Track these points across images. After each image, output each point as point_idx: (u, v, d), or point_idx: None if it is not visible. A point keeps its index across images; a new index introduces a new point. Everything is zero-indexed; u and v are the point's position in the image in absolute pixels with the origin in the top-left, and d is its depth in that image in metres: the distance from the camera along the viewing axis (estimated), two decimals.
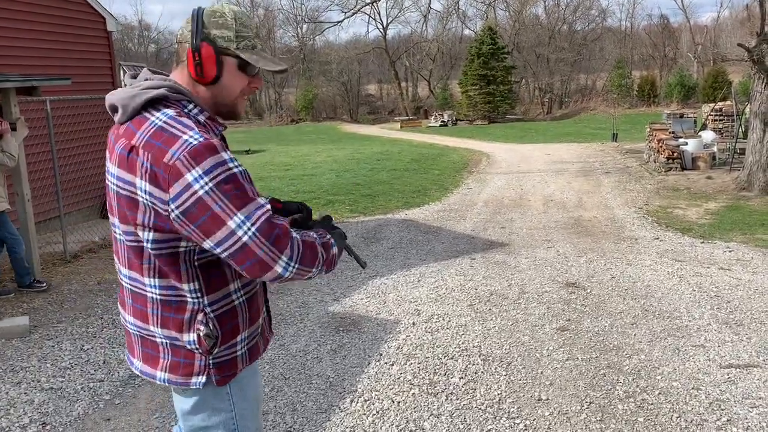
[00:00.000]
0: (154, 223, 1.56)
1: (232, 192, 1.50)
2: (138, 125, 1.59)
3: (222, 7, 1.69)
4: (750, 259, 6.60)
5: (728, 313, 4.94)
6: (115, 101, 1.65)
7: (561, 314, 5.05)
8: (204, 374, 1.69)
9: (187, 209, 1.50)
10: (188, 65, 1.66)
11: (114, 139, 1.66)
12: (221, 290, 1.67)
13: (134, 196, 1.57)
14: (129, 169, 1.56)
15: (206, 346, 1.65)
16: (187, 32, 1.67)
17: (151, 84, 1.65)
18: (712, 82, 29.06)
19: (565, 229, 8.42)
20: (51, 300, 5.89)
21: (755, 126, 10.77)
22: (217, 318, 1.66)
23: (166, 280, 1.64)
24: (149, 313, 1.68)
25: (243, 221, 1.50)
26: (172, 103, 1.63)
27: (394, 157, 17.88)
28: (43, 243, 7.62)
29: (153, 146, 1.53)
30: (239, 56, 1.68)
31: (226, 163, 1.52)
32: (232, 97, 1.73)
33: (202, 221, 1.50)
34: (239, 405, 1.78)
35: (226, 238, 1.50)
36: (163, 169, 1.50)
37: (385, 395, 3.77)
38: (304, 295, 5.82)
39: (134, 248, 1.65)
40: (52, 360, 4.48)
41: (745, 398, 3.57)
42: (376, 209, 10.21)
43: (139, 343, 1.76)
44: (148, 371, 1.74)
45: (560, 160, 16.51)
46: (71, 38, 9.34)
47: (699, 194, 10.71)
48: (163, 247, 1.60)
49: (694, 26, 41.23)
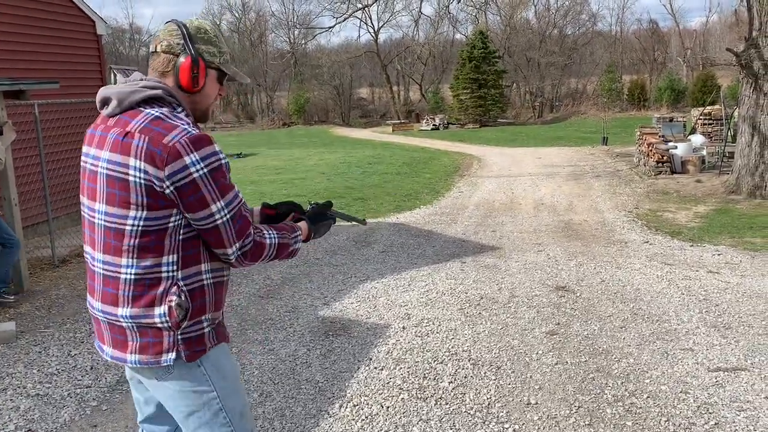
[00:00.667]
0: (148, 201, 1.71)
1: (219, 180, 1.74)
2: (132, 116, 1.75)
3: (203, 24, 1.91)
4: (738, 262, 6.64)
5: (716, 317, 4.96)
6: (110, 94, 1.80)
7: (551, 318, 5.06)
8: (173, 350, 1.79)
9: (180, 187, 1.70)
10: (180, 75, 1.82)
11: (101, 131, 1.80)
12: (194, 267, 1.81)
13: (125, 176, 1.71)
14: (122, 151, 1.72)
15: (176, 317, 1.76)
16: (176, 44, 1.83)
17: (149, 84, 1.80)
18: (702, 86, 29.24)
19: (555, 232, 8.44)
20: (39, 305, 5.84)
21: (744, 130, 10.85)
22: (189, 292, 1.79)
23: (144, 259, 1.75)
24: (120, 295, 1.77)
25: (222, 207, 1.75)
26: (166, 104, 1.80)
27: (386, 161, 17.89)
28: (32, 248, 7.57)
29: (151, 130, 1.71)
30: (221, 69, 1.92)
31: (217, 154, 1.74)
32: (208, 104, 1.94)
33: (189, 200, 1.71)
34: (219, 384, 1.88)
35: (205, 218, 1.74)
36: (161, 149, 1.68)
37: (375, 400, 3.76)
38: (294, 299, 5.80)
39: (115, 230, 1.75)
40: (38, 366, 4.44)
41: (733, 401, 3.59)
42: (367, 213, 10.20)
43: (108, 329, 1.84)
44: (119, 355, 1.84)
45: (551, 163, 16.57)
46: (60, 41, 9.29)
47: (688, 198, 10.77)
48: (153, 224, 1.73)
49: (684, 31, 41.52)
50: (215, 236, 1.77)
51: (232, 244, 1.79)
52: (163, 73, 1.85)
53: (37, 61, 8.74)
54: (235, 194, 1.78)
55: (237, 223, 1.78)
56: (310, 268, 6.90)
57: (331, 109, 43.53)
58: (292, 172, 16.31)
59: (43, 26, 8.91)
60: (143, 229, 1.73)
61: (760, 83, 10.39)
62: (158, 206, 1.71)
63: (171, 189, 1.69)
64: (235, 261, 1.82)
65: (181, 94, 1.85)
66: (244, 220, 1.80)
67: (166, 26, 1.88)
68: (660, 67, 39.15)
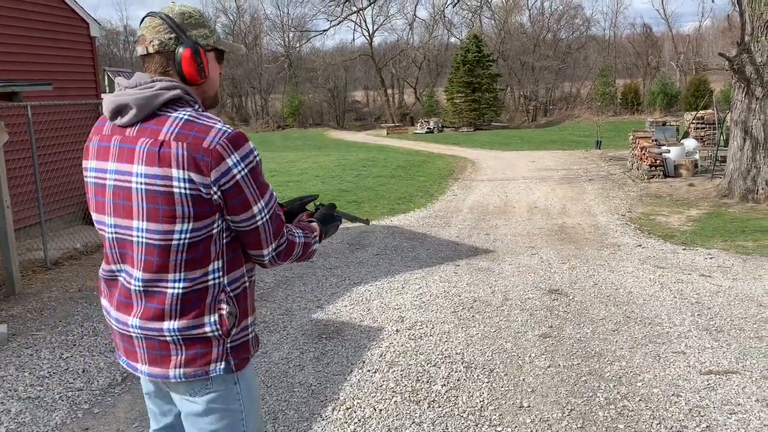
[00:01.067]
0: (195, 212, 1.63)
1: (258, 179, 1.69)
2: (160, 123, 1.64)
3: (185, 8, 1.76)
4: (730, 265, 6.67)
5: (708, 320, 4.98)
6: (127, 101, 1.66)
7: (544, 321, 5.07)
8: (223, 359, 1.73)
9: (226, 190, 1.63)
10: (184, 70, 1.71)
11: (120, 142, 1.69)
12: (237, 270, 1.76)
13: (170, 189, 1.61)
14: (161, 163, 1.61)
15: (228, 325, 1.71)
16: (168, 39, 1.70)
17: (166, 85, 1.68)
18: (694, 90, 29.39)
19: (548, 235, 8.46)
20: (30, 308, 5.81)
21: (736, 134, 10.92)
22: (236, 297, 1.75)
23: (192, 271, 1.68)
24: (167, 310, 1.69)
25: (263, 208, 1.70)
26: (185, 103, 1.70)
27: (380, 164, 17.90)
28: (24, 250, 7.53)
29: (187, 136, 1.61)
30: (218, 48, 1.81)
31: (254, 152, 1.69)
32: (215, 88, 1.85)
33: (233, 203, 1.66)
34: (247, 404, 1.83)
35: (247, 219, 1.69)
36: (204, 154, 1.60)
37: (368, 403, 3.76)
38: (288, 302, 5.79)
39: (160, 247, 1.66)
40: (30, 369, 4.42)
41: (725, 404, 3.60)
42: (362, 216, 10.20)
43: (143, 346, 1.74)
44: (158, 372, 1.74)
45: (544, 167, 16.61)
46: (53, 43, 9.26)
47: (681, 201, 10.82)
48: (200, 234, 1.66)
49: (677, 35, 41.74)
50: (254, 237, 1.73)
51: (269, 245, 1.75)
52: (164, 74, 1.72)
53: (31, 63, 8.71)
54: (271, 192, 1.74)
55: (274, 223, 1.74)
56: (303, 270, 6.90)
57: (325, 112, 43.54)
58: (286, 174, 16.29)
59: (36, 28, 8.89)
60: (190, 241, 1.65)
61: (752, 88, 10.46)
62: (205, 214, 1.64)
63: (218, 194, 1.62)
64: (268, 262, 1.78)
65: (189, 89, 1.74)
66: (279, 220, 1.77)
67: (148, 22, 1.72)
68: (653, 71, 39.35)
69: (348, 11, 39.08)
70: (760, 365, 4.10)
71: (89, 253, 7.83)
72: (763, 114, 10.38)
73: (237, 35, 48.03)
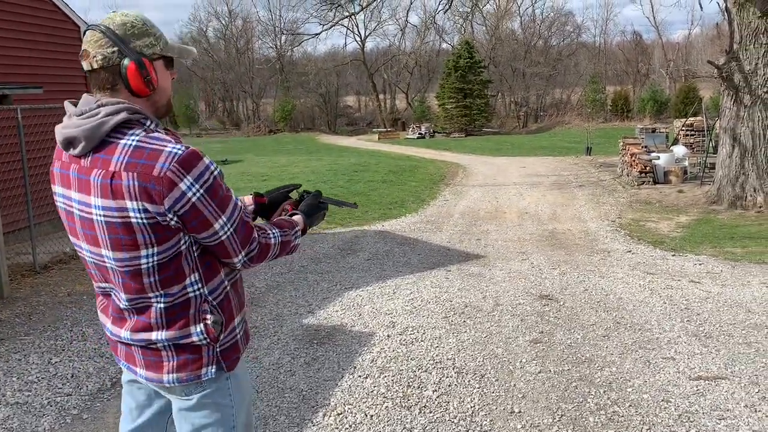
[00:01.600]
0: (157, 237, 1.62)
1: (217, 195, 1.66)
2: (110, 152, 1.60)
3: (126, 17, 1.69)
4: (719, 272, 6.72)
5: (698, 326, 5.02)
6: (75, 134, 1.62)
7: (534, 326, 5.08)
8: (213, 363, 1.77)
9: (182, 215, 1.62)
10: (131, 84, 1.65)
11: (77, 172, 1.65)
12: (216, 278, 1.77)
13: (128, 220, 1.60)
14: (114, 196, 1.59)
15: (214, 333, 1.74)
16: (111, 54, 1.64)
17: (112, 110, 1.62)
18: (684, 97, 29.66)
19: (539, 241, 8.49)
20: (19, 312, 5.77)
21: (724, 141, 11.02)
22: (219, 305, 1.77)
23: (169, 288, 1.69)
24: (153, 323, 1.72)
25: (225, 223, 1.68)
26: (134, 124, 1.64)
27: (372, 169, 17.91)
28: (12, 254, 7.47)
29: (136, 165, 1.57)
30: (165, 56, 1.74)
31: (209, 168, 1.64)
32: (167, 97, 1.78)
33: (192, 225, 1.64)
34: (237, 399, 1.86)
35: (209, 236, 1.68)
36: (155, 183, 1.57)
37: (359, 409, 3.75)
38: (279, 307, 5.78)
39: (131, 272, 1.67)
40: (18, 374, 4.38)
41: (714, 410, 3.62)
42: (352, 220, 10.20)
43: (139, 353, 1.79)
44: (154, 377, 1.78)
45: (535, 173, 16.69)
46: (44, 47, 9.22)
47: (671, 208, 10.89)
48: (169, 254, 1.66)
49: (666, 43, 42.11)
50: (221, 250, 1.72)
51: (238, 254, 1.74)
52: (112, 90, 1.67)
53: (21, 66, 8.67)
54: (234, 204, 1.71)
55: (240, 233, 1.73)
56: (295, 275, 6.89)
57: (317, 117, 43.56)
58: (277, 179, 16.27)
59: (27, 31, 8.85)
60: (159, 263, 1.66)
61: (741, 95, 10.56)
62: (167, 237, 1.64)
63: (175, 219, 1.61)
64: (241, 267, 1.79)
65: (139, 101, 1.69)
66: (246, 227, 1.75)
67: (89, 36, 1.66)
68: (643, 78, 39.65)
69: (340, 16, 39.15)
70: (748, 371, 4.13)
71: (78, 258, 7.77)
72: (751, 121, 10.48)
73: (229, 39, 47.97)
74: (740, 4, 10.40)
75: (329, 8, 22.69)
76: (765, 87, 10.32)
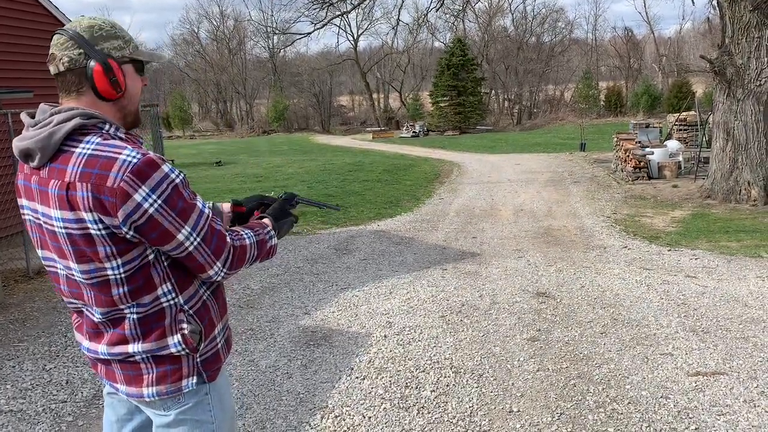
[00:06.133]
0: (118, 249, 1.57)
1: (178, 206, 1.57)
2: (65, 161, 1.55)
3: (94, 20, 1.67)
4: (715, 266, 6.72)
5: (695, 321, 5.01)
6: (29, 146, 1.57)
7: (531, 324, 5.07)
8: (194, 374, 1.72)
9: (139, 227, 1.54)
10: (97, 86, 1.61)
11: (38, 183, 1.61)
12: (190, 287, 1.70)
13: (87, 231, 1.55)
14: (71, 207, 1.54)
15: (192, 343, 1.68)
16: (77, 56, 1.61)
17: (64, 117, 1.58)
18: (677, 92, 29.77)
19: (535, 238, 8.48)
20: (12, 318, 5.72)
21: (718, 136, 11.03)
22: (196, 314, 1.71)
23: (140, 299, 1.63)
24: (128, 335, 1.67)
25: (189, 233, 1.60)
26: (90, 129, 1.59)
27: (366, 168, 17.88)
28: (5, 259, 7.42)
29: (90, 175, 1.51)
30: (135, 59, 1.70)
31: (169, 176, 1.56)
32: (136, 104, 1.73)
33: (153, 237, 1.56)
34: (219, 416, 1.79)
35: (175, 248, 1.60)
36: (108, 194, 1.50)
37: (356, 410, 3.73)
38: (275, 309, 5.75)
39: (99, 284, 1.62)
40: (12, 381, 4.34)
41: (713, 406, 3.61)
42: (348, 220, 10.18)
43: (119, 368, 1.73)
44: (134, 392, 1.73)
45: (530, 170, 16.69)
46: (35, 50, 9.14)
47: (665, 203, 10.90)
48: (135, 264, 1.60)
49: (658, 38, 42.21)
50: (192, 262, 1.64)
51: (212, 265, 1.66)
52: (78, 92, 1.63)
53: (11, 70, 8.60)
54: (200, 212, 1.62)
55: (212, 243, 1.64)
56: (290, 277, 6.85)
57: (311, 117, 43.51)
58: (272, 180, 16.23)
59: (17, 35, 8.78)
60: (126, 274, 1.60)
61: (733, 89, 10.58)
62: (129, 248, 1.57)
63: (131, 232, 1.54)
64: (221, 279, 1.71)
65: (106, 105, 1.64)
66: (218, 236, 1.66)
67: (56, 40, 1.64)
68: (635, 73, 39.74)
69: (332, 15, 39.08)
70: (746, 366, 4.12)
71: None
72: (744, 115, 10.50)
73: (221, 40, 47.83)
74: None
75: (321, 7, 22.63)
76: (757, 81, 10.34)
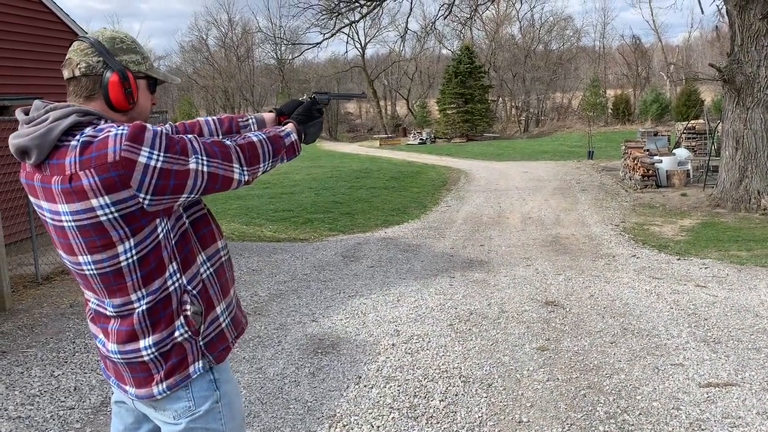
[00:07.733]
0: (131, 229, 1.58)
1: (177, 148, 1.59)
2: (62, 156, 1.57)
3: (117, 33, 1.73)
4: (725, 275, 6.67)
5: (706, 331, 4.96)
6: (26, 144, 1.58)
7: (541, 333, 5.03)
8: (200, 358, 1.73)
9: (155, 186, 1.55)
10: (111, 95, 1.65)
11: (40, 181, 1.62)
12: (193, 265, 1.72)
13: (96, 220, 1.56)
14: (78, 198, 1.55)
15: (195, 325, 1.70)
16: (96, 63, 1.65)
17: (60, 114, 1.59)
18: (685, 100, 29.65)
19: (543, 246, 8.44)
20: (21, 324, 5.73)
21: (727, 144, 10.98)
22: (198, 294, 1.72)
23: (151, 284, 1.65)
24: (138, 330, 1.68)
25: (196, 158, 1.61)
26: (86, 126, 1.61)
27: (374, 175, 17.88)
28: (14, 265, 7.44)
29: (89, 161, 1.53)
30: (149, 76, 1.75)
31: (157, 132, 1.58)
32: (146, 119, 1.75)
33: (171, 186, 1.58)
34: (229, 425, 1.79)
35: (195, 180, 1.61)
36: (114, 169, 1.51)
37: (365, 419, 3.70)
38: (282, 316, 5.74)
39: (113, 273, 1.63)
40: (20, 387, 4.34)
41: (725, 418, 3.57)
42: (355, 227, 10.17)
43: (128, 371, 1.74)
44: (144, 393, 1.73)
45: (537, 177, 16.65)
46: (46, 57, 9.21)
47: (674, 211, 10.85)
48: (147, 244, 1.61)
49: (666, 46, 42.14)
50: (215, 182, 1.66)
51: (232, 170, 1.69)
52: (88, 98, 1.66)
53: (22, 77, 8.66)
54: (191, 140, 1.63)
55: (215, 153, 1.66)
56: (297, 284, 6.85)
57: None
58: (279, 186, 16.25)
59: (27, 41, 8.85)
60: (138, 256, 1.61)
61: (743, 98, 10.53)
62: (142, 226, 1.59)
63: (149, 197, 1.55)
64: (250, 178, 1.77)
65: (115, 115, 1.68)
66: (215, 144, 1.68)
67: (76, 46, 1.68)
68: (643, 81, 39.67)
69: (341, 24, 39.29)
70: (759, 377, 4.08)
71: None
72: (753, 124, 10.45)
73: (229, 47, 48.10)
74: (741, 7, 10.38)
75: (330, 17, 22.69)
76: (767, 89, 10.29)
